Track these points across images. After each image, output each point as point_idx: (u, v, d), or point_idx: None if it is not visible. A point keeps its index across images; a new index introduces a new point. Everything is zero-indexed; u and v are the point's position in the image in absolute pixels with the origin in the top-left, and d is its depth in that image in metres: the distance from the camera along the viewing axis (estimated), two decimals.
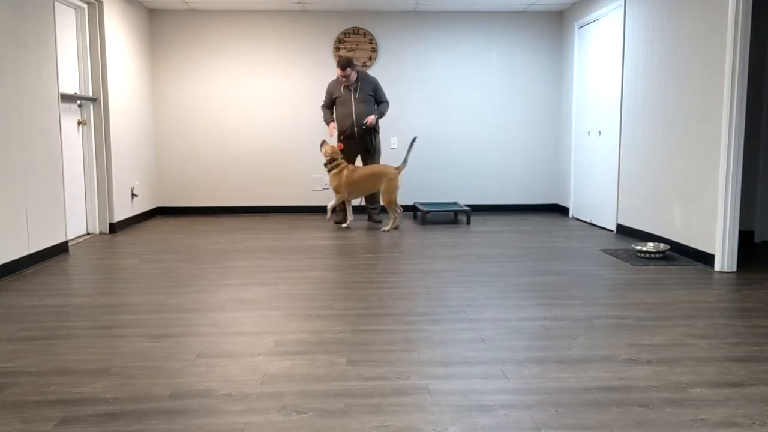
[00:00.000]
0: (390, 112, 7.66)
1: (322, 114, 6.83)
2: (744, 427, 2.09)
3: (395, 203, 6.25)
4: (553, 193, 7.93)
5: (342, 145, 6.55)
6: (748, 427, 2.09)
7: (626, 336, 3.02)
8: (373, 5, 7.31)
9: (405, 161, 6.37)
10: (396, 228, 6.34)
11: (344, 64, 6.38)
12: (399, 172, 6.23)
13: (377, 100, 6.64)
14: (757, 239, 5.72)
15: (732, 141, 4.32)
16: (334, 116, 6.62)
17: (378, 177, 6.21)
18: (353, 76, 6.45)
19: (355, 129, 6.51)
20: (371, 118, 6.45)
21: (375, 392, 2.37)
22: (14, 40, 4.44)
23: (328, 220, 6.81)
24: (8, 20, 4.37)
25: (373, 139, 6.62)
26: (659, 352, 2.80)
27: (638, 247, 4.93)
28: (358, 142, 6.57)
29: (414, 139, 6.47)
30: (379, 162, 6.85)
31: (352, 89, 6.51)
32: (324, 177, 7.68)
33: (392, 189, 6.16)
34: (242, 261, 4.83)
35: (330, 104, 6.67)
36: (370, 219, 6.90)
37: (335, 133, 6.63)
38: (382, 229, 6.25)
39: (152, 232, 6.34)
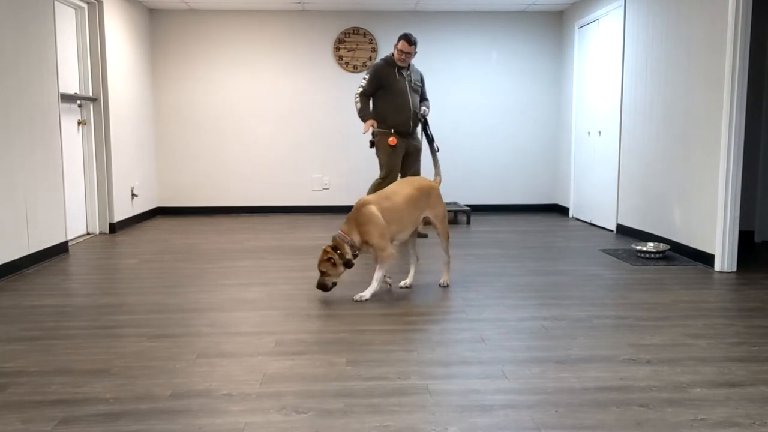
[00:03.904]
0: None
1: (358, 105, 5.33)
2: (744, 427, 2.09)
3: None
4: (553, 193, 7.93)
5: (395, 141, 5.29)
6: (748, 427, 2.09)
7: (626, 336, 3.02)
8: (373, 5, 7.31)
9: (438, 172, 4.31)
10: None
11: (415, 39, 5.25)
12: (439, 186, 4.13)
13: (422, 96, 5.55)
14: (757, 239, 5.72)
15: (732, 141, 4.33)
16: (379, 109, 5.33)
17: (426, 195, 3.93)
18: (413, 58, 5.35)
19: (411, 124, 5.37)
20: (426, 110, 5.36)
21: (375, 392, 2.37)
22: (14, 40, 4.44)
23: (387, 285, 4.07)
24: (8, 20, 4.37)
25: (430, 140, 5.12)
26: (659, 352, 2.80)
27: (638, 247, 4.93)
28: (409, 141, 5.42)
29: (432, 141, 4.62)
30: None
31: (406, 77, 5.38)
32: (324, 177, 7.68)
33: (445, 214, 4.06)
34: (242, 261, 4.83)
35: (373, 93, 5.34)
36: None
37: (370, 130, 5.36)
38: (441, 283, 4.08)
39: (152, 232, 6.34)
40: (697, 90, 4.71)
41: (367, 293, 3.71)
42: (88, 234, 6.10)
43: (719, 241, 4.44)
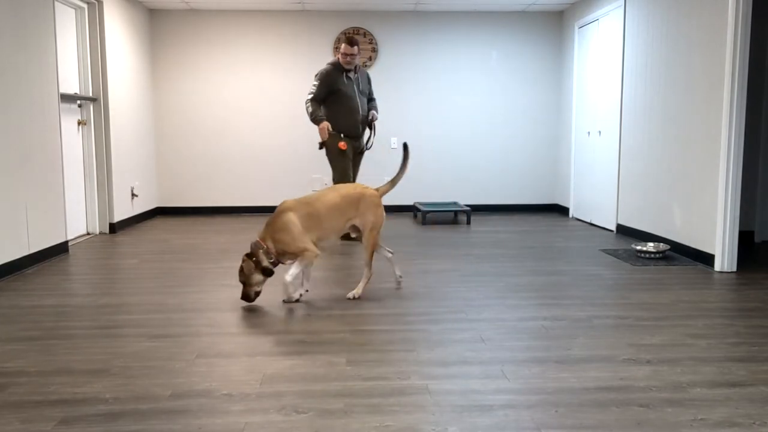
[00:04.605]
0: (390, 112, 7.67)
1: (309, 108, 5.43)
2: (744, 427, 2.09)
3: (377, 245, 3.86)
4: (553, 193, 7.93)
5: (345, 145, 5.45)
6: (748, 427, 2.09)
7: (626, 336, 3.02)
8: (373, 5, 7.31)
9: (395, 181, 3.99)
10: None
11: (355, 39, 5.41)
12: (382, 196, 3.88)
13: (369, 96, 5.76)
14: (757, 239, 5.72)
15: (732, 141, 4.32)
16: (330, 113, 5.47)
17: (355, 203, 3.75)
18: (357, 59, 5.51)
19: (360, 127, 5.57)
20: (374, 113, 5.66)
21: (375, 392, 2.37)
22: (14, 40, 4.44)
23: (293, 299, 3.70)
24: (8, 20, 4.36)
25: (366, 139, 5.75)
26: (659, 352, 2.80)
27: (638, 247, 4.93)
28: (356, 143, 5.62)
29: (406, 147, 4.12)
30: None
31: (354, 80, 5.53)
32: (324, 177, 7.68)
33: (378, 225, 3.81)
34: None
35: (323, 98, 5.46)
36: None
37: (326, 135, 5.42)
38: (348, 296, 3.76)
39: (152, 232, 6.33)
40: (697, 90, 4.71)
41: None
42: (88, 234, 6.10)
43: (719, 241, 4.44)
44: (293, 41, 7.55)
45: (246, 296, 3.56)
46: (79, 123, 5.90)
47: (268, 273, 3.54)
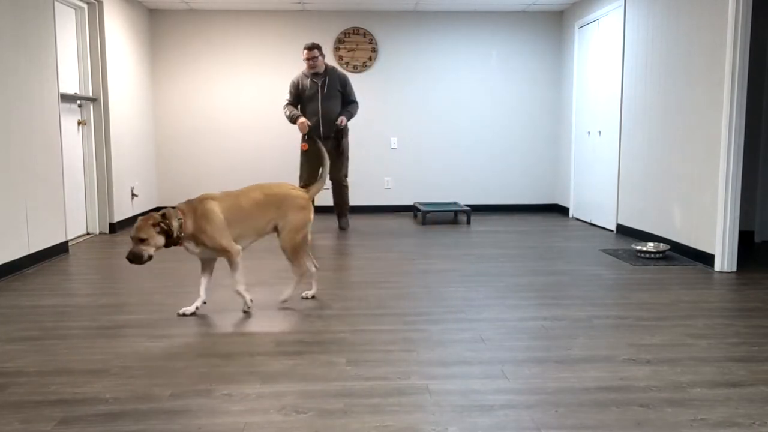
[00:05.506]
0: (390, 112, 7.67)
1: (286, 113, 6.04)
2: (744, 427, 2.09)
3: (303, 252, 3.69)
4: (553, 193, 7.93)
5: (306, 146, 5.96)
6: (748, 427, 2.09)
7: (626, 336, 3.02)
8: (373, 5, 7.31)
9: (322, 177, 3.89)
10: (310, 296, 3.76)
11: (312, 44, 5.89)
12: (312, 197, 3.73)
13: (346, 99, 6.07)
14: (757, 239, 5.72)
15: (732, 140, 4.33)
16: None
17: (278, 203, 3.55)
18: (320, 62, 5.91)
19: (321, 129, 5.95)
20: (343, 119, 5.97)
21: (375, 392, 2.37)
22: (14, 40, 4.44)
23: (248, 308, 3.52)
24: (8, 20, 4.36)
25: (343, 140, 6.08)
26: (659, 352, 2.80)
27: (638, 247, 4.93)
28: (324, 143, 5.82)
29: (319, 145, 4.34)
30: (347, 167, 6.21)
31: (320, 83, 5.94)
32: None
33: (299, 226, 3.62)
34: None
35: (295, 102, 6.09)
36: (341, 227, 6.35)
37: (306, 128, 5.92)
38: (303, 295, 3.75)
39: None
40: (697, 89, 4.71)
41: (247, 300, 3.46)
42: (88, 234, 6.10)
43: (719, 241, 4.44)
44: (293, 41, 7.55)
45: (137, 256, 3.12)
46: (79, 123, 5.90)
47: (170, 240, 3.20)
